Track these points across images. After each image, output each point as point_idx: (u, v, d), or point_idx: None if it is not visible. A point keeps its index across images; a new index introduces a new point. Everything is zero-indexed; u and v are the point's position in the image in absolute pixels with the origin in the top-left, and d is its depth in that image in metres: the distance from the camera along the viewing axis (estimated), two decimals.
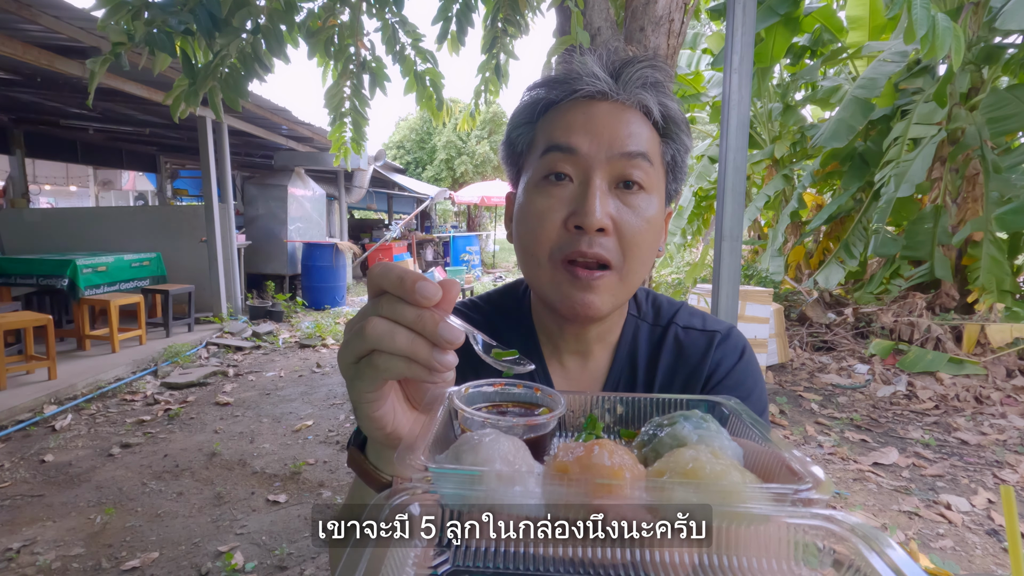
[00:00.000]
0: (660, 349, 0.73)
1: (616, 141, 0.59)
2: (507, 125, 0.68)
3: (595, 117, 0.60)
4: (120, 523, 2.46)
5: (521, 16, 2.48)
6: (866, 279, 6.35)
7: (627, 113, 0.61)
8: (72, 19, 3.84)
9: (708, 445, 0.40)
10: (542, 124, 0.64)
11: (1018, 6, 4.42)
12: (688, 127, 0.65)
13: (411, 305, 0.38)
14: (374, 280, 0.40)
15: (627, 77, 0.61)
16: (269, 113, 6.70)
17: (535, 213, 0.61)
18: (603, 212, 0.58)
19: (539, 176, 0.61)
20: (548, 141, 0.61)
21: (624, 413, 0.54)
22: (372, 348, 0.39)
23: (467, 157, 21.60)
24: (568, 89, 0.62)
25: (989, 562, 2.14)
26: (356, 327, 0.40)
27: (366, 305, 0.41)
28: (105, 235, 6.54)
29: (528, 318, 0.75)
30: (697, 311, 0.78)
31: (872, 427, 3.47)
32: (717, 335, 0.73)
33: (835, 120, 5.46)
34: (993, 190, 4.74)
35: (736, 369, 0.71)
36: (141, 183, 14.60)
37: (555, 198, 0.60)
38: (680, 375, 0.71)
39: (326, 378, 4.71)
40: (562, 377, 0.73)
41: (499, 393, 0.51)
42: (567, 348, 0.72)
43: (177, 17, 1.77)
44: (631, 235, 0.59)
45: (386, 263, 0.41)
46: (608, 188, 0.60)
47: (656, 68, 0.62)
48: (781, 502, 0.34)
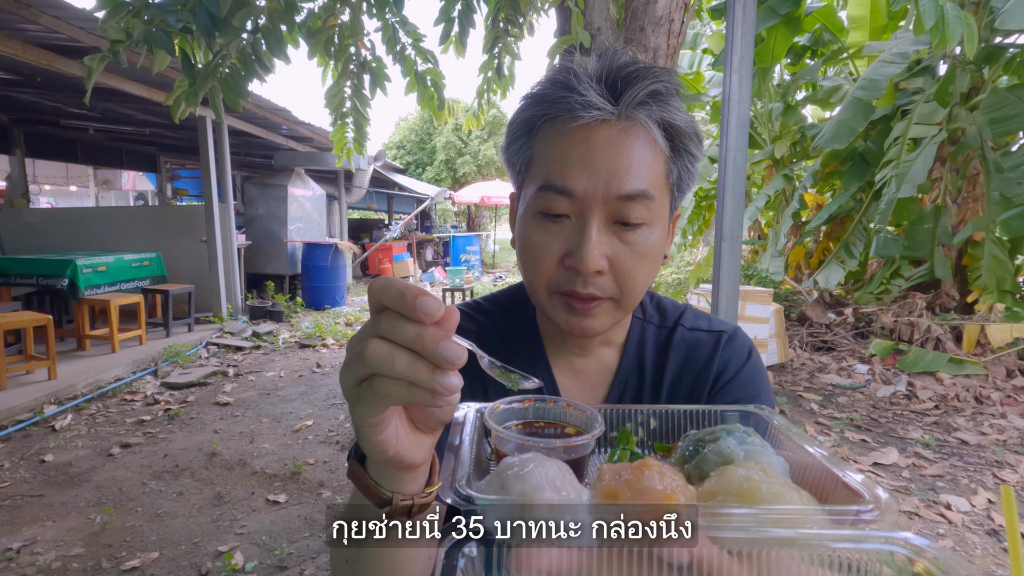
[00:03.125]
0: (667, 350, 0.73)
1: (614, 179, 0.56)
2: (506, 132, 0.66)
3: (594, 148, 0.56)
4: (120, 523, 2.46)
5: (523, 16, 2.49)
6: (866, 279, 6.35)
7: (629, 137, 0.57)
8: (72, 19, 3.84)
9: (756, 462, 0.39)
10: (539, 141, 0.61)
11: (1018, 5, 4.42)
12: (698, 136, 0.61)
13: (412, 322, 0.36)
14: (374, 296, 0.38)
15: (630, 98, 0.57)
16: (269, 113, 6.70)
17: (533, 247, 0.61)
18: (599, 254, 0.57)
19: (536, 208, 0.60)
20: (544, 176, 0.59)
21: (657, 427, 0.53)
22: (372, 372, 0.36)
23: (469, 157, 21.61)
24: (565, 110, 0.57)
25: (989, 562, 2.14)
26: (356, 348, 0.37)
27: (367, 323, 0.39)
28: (105, 235, 6.54)
29: (532, 321, 0.75)
30: (702, 313, 0.78)
31: (872, 427, 3.47)
32: (724, 335, 0.73)
33: (836, 121, 5.46)
34: (994, 190, 4.74)
35: (744, 370, 0.71)
36: (141, 183, 14.59)
37: (552, 235, 0.59)
38: (688, 376, 0.72)
39: (326, 378, 4.71)
40: (569, 379, 0.73)
41: (531, 409, 0.50)
42: (571, 351, 0.72)
43: (176, 16, 1.77)
44: (628, 271, 0.59)
45: (387, 277, 0.39)
46: (605, 226, 0.58)
47: (662, 81, 0.58)
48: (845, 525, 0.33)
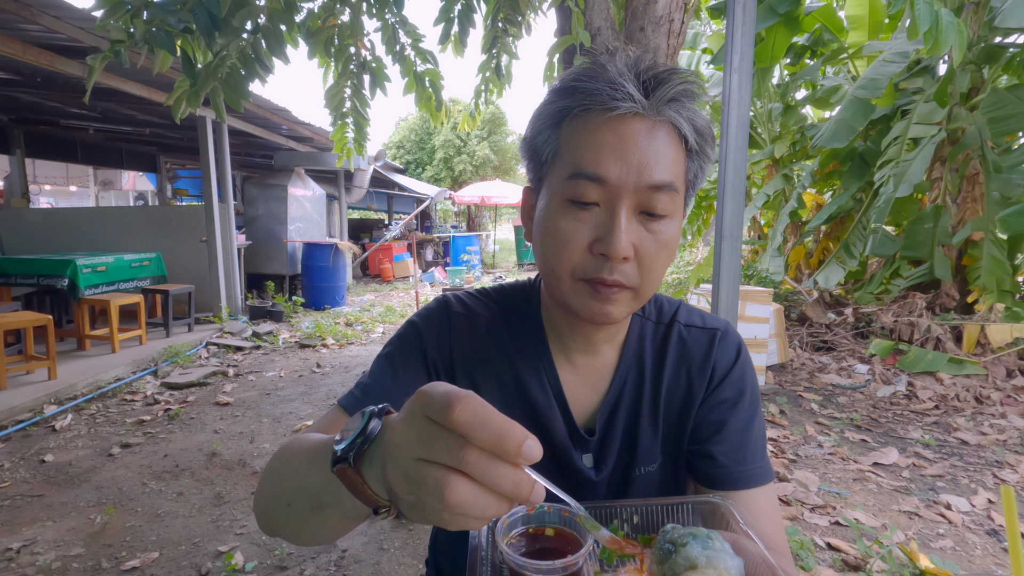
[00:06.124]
0: (666, 347, 0.75)
1: (645, 169, 0.58)
2: (529, 124, 0.66)
3: (626, 139, 0.58)
4: (120, 523, 2.46)
5: (522, 16, 2.49)
6: (866, 279, 6.35)
7: (657, 131, 0.59)
8: (72, 19, 3.84)
9: (715, 567, 0.47)
10: (568, 132, 0.62)
11: (1018, 4, 4.41)
12: (714, 138, 0.64)
13: (510, 467, 0.33)
14: (462, 422, 0.33)
15: (661, 95, 0.59)
16: (269, 113, 6.70)
17: (560, 233, 0.61)
18: (628, 242, 0.59)
19: (564, 196, 0.61)
20: (575, 164, 0.60)
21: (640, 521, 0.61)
22: (453, 513, 0.33)
23: (466, 156, 21.60)
24: (600, 104, 0.59)
25: (989, 562, 2.14)
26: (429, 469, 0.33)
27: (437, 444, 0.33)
28: (105, 235, 6.53)
29: (538, 315, 0.76)
30: (695, 309, 0.80)
31: (872, 427, 3.47)
32: (718, 332, 0.75)
33: (835, 120, 5.46)
34: (994, 190, 4.74)
35: (737, 366, 0.74)
36: (141, 183, 14.59)
37: (581, 221, 0.60)
38: (685, 372, 0.74)
39: (326, 378, 4.71)
40: (569, 373, 0.74)
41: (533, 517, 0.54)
42: (575, 347, 0.73)
43: (177, 16, 1.77)
44: (650, 260, 0.61)
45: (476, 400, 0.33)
46: (633, 215, 0.60)
47: (691, 83, 0.60)
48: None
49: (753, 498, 0.67)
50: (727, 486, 0.68)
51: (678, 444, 0.73)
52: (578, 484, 0.73)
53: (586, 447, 0.73)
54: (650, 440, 0.73)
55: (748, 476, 0.68)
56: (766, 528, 0.66)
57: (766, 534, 0.65)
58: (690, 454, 0.73)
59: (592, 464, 0.73)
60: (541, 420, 0.72)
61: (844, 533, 2.32)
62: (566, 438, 0.72)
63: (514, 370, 0.73)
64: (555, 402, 0.72)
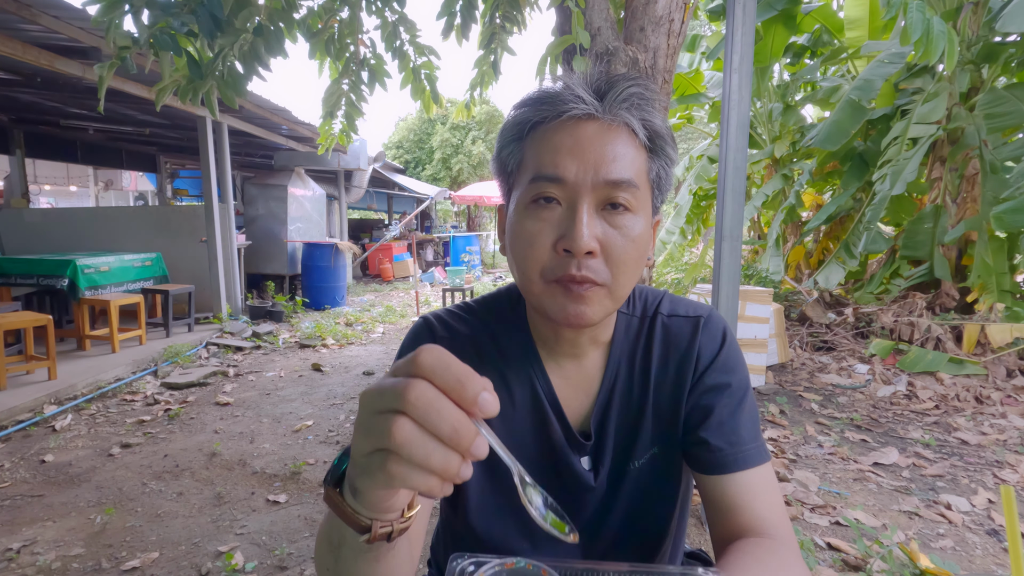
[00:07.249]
0: (651, 341, 0.75)
1: (602, 166, 0.60)
2: (496, 140, 0.69)
3: (581, 140, 0.61)
4: (120, 523, 2.46)
5: (519, 12, 2.49)
6: (866, 279, 6.35)
7: (613, 133, 0.61)
8: (72, 19, 3.84)
9: None
10: (530, 143, 0.64)
11: (1018, 8, 4.42)
12: (674, 140, 0.66)
13: (454, 412, 0.34)
14: (423, 364, 0.35)
15: (613, 97, 0.62)
16: (269, 113, 6.70)
17: (526, 235, 0.63)
18: (590, 235, 0.60)
19: (528, 199, 0.63)
20: (536, 168, 0.62)
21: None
22: (395, 454, 0.34)
23: (464, 156, 21.58)
24: (555, 110, 0.62)
25: (989, 562, 2.14)
26: (380, 420, 0.35)
27: (397, 381, 0.35)
28: (105, 235, 6.54)
29: (524, 323, 0.76)
30: (678, 298, 0.80)
31: (872, 427, 3.47)
32: (701, 319, 0.76)
33: (829, 123, 5.46)
34: (989, 190, 4.74)
35: (723, 351, 0.74)
36: (141, 183, 14.60)
37: (544, 221, 0.62)
38: (672, 363, 0.74)
39: (326, 378, 4.71)
40: (560, 378, 0.74)
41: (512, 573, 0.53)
42: (563, 352, 0.74)
43: (179, 19, 1.78)
44: (618, 255, 0.61)
45: (440, 349, 0.36)
46: (595, 211, 0.61)
47: (641, 85, 0.63)
48: None
49: (750, 479, 0.67)
50: (722, 470, 0.68)
51: (672, 434, 0.74)
52: (577, 488, 0.73)
53: (583, 450, 0.73)
54: (644, 435, 0.73)
55: (742, 458, 0.68)
56: (764, 509, 0.66)
57: (764, 515, 0.65)
58: (684, 442, 0.73)
59: (590, 467, 0.73)
60: (538, 427, 0.73)
61: (844, 533, 2.32)
62: (563, 443, 0.73)
63: (506, 381, 0.73)
64: (550, 408, 0.73)
